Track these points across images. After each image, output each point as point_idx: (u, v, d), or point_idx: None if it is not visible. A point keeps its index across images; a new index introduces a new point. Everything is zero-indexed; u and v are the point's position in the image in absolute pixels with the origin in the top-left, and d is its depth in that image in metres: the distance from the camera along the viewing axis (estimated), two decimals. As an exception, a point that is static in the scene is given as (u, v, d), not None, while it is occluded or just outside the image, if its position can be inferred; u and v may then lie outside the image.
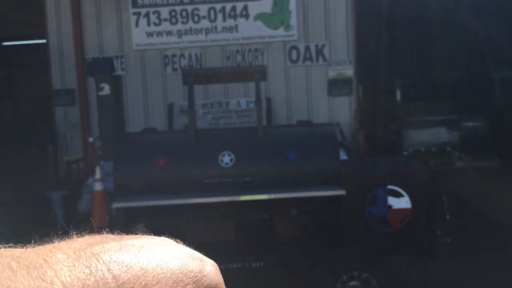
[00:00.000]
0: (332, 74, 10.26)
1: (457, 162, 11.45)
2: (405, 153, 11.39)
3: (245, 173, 4.56)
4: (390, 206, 4.59)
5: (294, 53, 10.30)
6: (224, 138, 4.83)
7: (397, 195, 4.59)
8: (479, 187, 9.44)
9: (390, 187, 4.59)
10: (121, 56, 10.62)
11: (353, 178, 4.61)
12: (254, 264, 4.71)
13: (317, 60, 10.18)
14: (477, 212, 7.85)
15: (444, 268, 5.48)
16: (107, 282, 0.39)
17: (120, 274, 0.40)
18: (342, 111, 10.13)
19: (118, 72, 10.58)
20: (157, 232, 0.58)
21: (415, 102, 12.37)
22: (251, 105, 10.22)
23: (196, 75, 4.83)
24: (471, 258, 5.91)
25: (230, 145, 4.66)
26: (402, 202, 4.60)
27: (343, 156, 9.02)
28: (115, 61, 10.51)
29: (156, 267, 0.42)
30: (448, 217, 4.77)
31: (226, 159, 4.59)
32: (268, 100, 10.24)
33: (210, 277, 0.45)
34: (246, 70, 5.29)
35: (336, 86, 10.20)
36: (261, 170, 4.58)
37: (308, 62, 10.22)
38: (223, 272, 0.50)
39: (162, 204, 4.40)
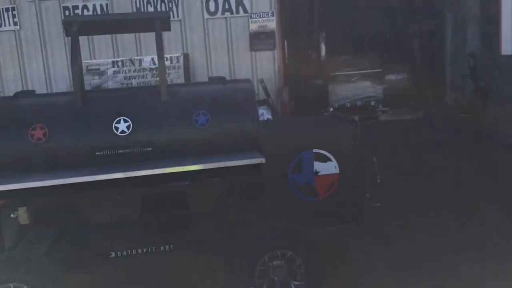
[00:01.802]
0: (254, 26, 9.48)
1: (382, 115, 11.30)
2: (331, 109, 11.04)
3: (145, 142, 3.80)
4: (316, 172, 4.04)
5: (212, 3, 9.39)
6: (120, 101, 4.00)
7: (324, 159, 4.05)
8: (402, 139, 9.29)
9: (316, 151, 4.03)
10: (13, 8, 9.18)
11: (273, 142, 3.98)
12: (162, 248, 4.03)
13: (237, 12, 9.36)
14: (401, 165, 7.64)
15: (375, 235, 5.11)
16: None
17: None
18: (265, 67, 9.47)
19: (10, 27, 9.23)
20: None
21: (340, 57, 11.94)
22: (168, 63, 9.28)
23: (81, 23, 3.92)
24: (401, 219, 5.60)
25: (126, 109, 3.85)
26: (329, 167, 4.06)
27: (267, 115, 8.46)
28: (5, 14, 9.14)
29: None
30: (379, 180, 4.31)
31: (122, 126, 3.78)
32: (186, 56, 9.34)
33: None
34: (145, 17, 4.42)
35: (258, 40, 9.47)
36: (165, 138, 3.84)
37: (227, 14, 9.38)
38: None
39: (36, 185, 3.55)
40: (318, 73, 11.67)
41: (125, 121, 3.78)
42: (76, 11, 9.22)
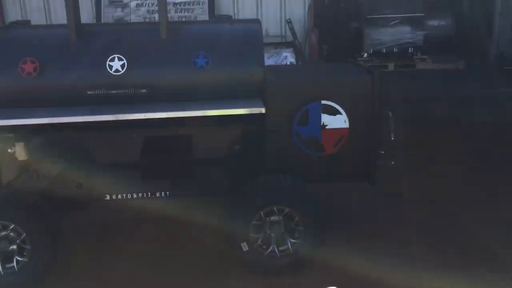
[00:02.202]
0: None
1: (419, 64, 10.63)
2: (364, 54, 10.45)
3: (140, 83, 3.55)
4: (323, 126, 3.73)
5: None
6: (116, 36, 3.72)
7: (333, 112, 3.71)
8: (439, 91, 8.73)
9: (324, 102, 3.69)
10: None
11: (279, 90, 3.66)
12: (158, 194, 3.88)
13: None
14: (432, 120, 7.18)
15: (385, 194, 4.81)
16: None
17: None
18: (295, 6, 8.92)
19: None
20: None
21: (378, -3, 11.13)
22: (193, -3, 8.87)
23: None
24: (418, 180, 5.27)
25: (122, 46, 3.58)
26: (338, 121, 3.73)
27: (290, 59, 8.02)
28: None
29: None
30: (392, 138, 3.96)
31: (116, 64, 3.53)
32: (213, -10, 8.90)
33: None
34: None
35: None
36: (161, 80, 3.57)
37: None
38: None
39: (33, 122, 3.40)
40: (353, 15, 10.96)
41: (120, 59, 3.53)
42: None
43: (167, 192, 3.91)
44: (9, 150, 4.06)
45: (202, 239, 4.16)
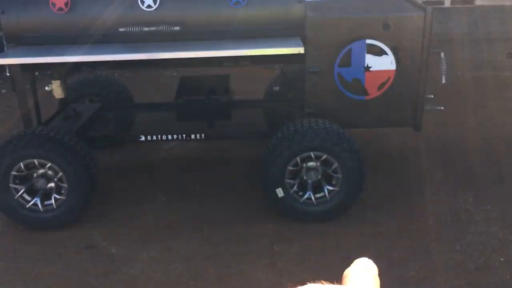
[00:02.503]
0: None
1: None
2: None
3: (173, 20, 3.37)
4: (367, 67, 3.46)
5: None
6: (148, -31, 3.51)
7: (378, 52, 3.43)
8: (499, 31, 8.05)
9: (369, 41, 3.40)
10: None
11: (319, 28, 3.40)
12: (193, 136, 3.80)
13: None
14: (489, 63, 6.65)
15: (432, 143, 4.54)
16: None
17: None
18: None
19: None
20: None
21: None
22: None
23: None
24: (467, 129, 4.93)
25: (154, -20, 3.38)
26: (384, 62, 3.45)
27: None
28: None
29: None
30: (444, 81, 3.65)
31: (149, 0, 3.35)
32: None
33: None
34: None
35: None
36: (195, 17, 3.38)
37: None
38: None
39: (69, 60, 3.32)
40: None
41: (152, -7, 3.34)
42: None
43: (202, 135, 3.81)
44: (46, 88, 4.05)
45: (236, 182, 4.08)
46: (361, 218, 3.55)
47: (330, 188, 3.44)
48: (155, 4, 3.35)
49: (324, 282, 0.52)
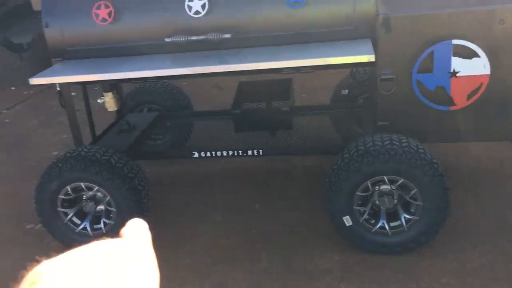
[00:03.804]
0: None
1: None
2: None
3: (224, 27, 2.99)
4: (454, 73, 2.88)
5: None
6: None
7: (468, 54, 2.84)
8: None
9: (456, 41, 2.82)
10: None
11: (394, 27, 2.86)
12: (250, 152, 3.42)
13: None
14: None
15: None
16: None
17: None
18: None
19: None
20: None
21: None
22: None
23: None
24: None
25: (202, -19, 3.01)
26: (475, 66, 2.86)
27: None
28: None
29: None
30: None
31: (196, 5, 2.99)
32: None
33: None
34: None
35: None
36: (248, 22, 2.97)
37: None
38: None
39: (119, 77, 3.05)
40: None
41: (200, -3, 2.98)
42: None
43: (260, 151, 3.42)
44: (98, 101, 3.86)
45: (300, 200, 3.67)
46: (446, 251, 3.00)
47: (408, 216, 2.92)
48: (203, 10, 2.98)
49: None
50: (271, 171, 4.14)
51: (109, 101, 3.82)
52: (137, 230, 0.67)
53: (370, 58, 2.61)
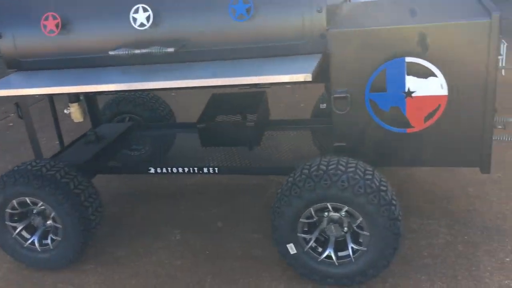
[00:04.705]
0: None
1: None
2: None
3: (168, 40, 2.86)
4: (409, 93, 2.65)
5: None
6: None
7: (423, 73, 2.60)
8: None
9: (410, 59, 2.59)
10: None
11: (344, 42, 2.66)
12: (205, 170, 3.27)
13: None
14: None
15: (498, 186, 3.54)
16: None
17: None
18: None
19: None
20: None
21: None
22: None
23: None
24: None
25: (148, -6, 2.89)
26: (431, 86, 2.61)
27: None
28: None
29: None
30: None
31: (141, 17, 2.88)
32: None
33: None
34: None
35: None
36: (193, 34, 2.83)
37: None
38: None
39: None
40: None
41: (145, 10, 2.86)
42: None
43: (215, 169, 3.28)
44: (65, 111, 3.81)
45: (261, 229, 3.49)
46: (400, 286, 2.76)
47: (356, 247, 2.70)
48: (148, 22, 2.86)
49: None
50: (246, 187, 3.98)
51: (74, 112, 3.75)
52: None
53: (307, 77, 2.41)
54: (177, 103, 5.49)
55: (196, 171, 3.31)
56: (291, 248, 2.76)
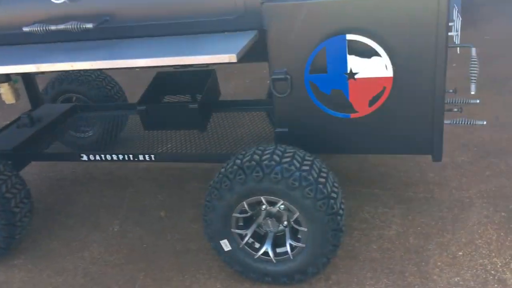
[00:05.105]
0: None
1: None
2: None
3: (88, 15, 2.55)
4: (352, 74, 2.39)
5: None
6: None
7: (366, 52, 2.33)
8: None
9: (351, 37, 2.32)
10: None
11: (280, 18, 2.37)
12: (141, 158, 3.01)
13: None
14: None
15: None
16: None
17: None
18: None
19: None
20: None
21: None
22: None
23: None
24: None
25: (66, -39, 2.57)
26: (375, 67, 2.35)
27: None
28: None
29: None
30: (473, 91, 2.47)
31: (57, -12, 2.56)
32: None
33: None
34: None
35: None
36: (115, 9, 2.53)
37: None
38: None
39: None
40: None
41: (61, -19, 2.54)
42: None
43: (152, 156, 3.02)
44: (-5, 92, 3.50)
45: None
46: (343, 284, 2.56)
47: (294, 243, 2.48)
48: (64, -5, 2.55)
49: None
50: (197, 171, 3.73)
51: (5, 93, 3.45)
52: None
53: (231, 58, 2.13)
54: (140, 79, 5.13)
55: (131, 159, 3.04)
56: (225, 245, 2.53)
